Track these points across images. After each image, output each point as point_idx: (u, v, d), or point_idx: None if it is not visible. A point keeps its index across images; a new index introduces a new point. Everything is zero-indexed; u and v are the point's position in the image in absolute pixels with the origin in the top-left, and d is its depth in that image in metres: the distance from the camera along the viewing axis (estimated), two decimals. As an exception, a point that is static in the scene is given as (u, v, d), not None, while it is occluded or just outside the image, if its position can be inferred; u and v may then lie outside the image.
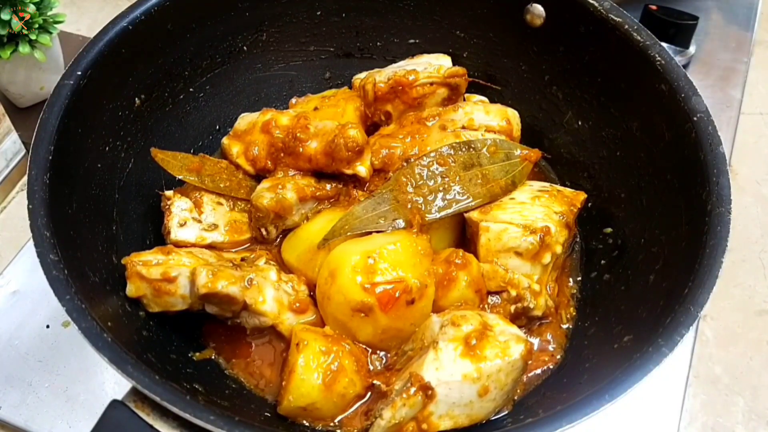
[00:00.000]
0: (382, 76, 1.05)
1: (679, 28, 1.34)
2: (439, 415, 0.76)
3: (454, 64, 1.11)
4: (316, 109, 1.09)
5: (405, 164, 0.97)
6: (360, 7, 1.15)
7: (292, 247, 0.97)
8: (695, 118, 0.86)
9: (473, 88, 1.14)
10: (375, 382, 0.85)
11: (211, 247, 0.97)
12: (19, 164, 1.68)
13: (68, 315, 0.72)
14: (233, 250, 1.00)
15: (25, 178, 0.81)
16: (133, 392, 0.73)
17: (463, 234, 0.98)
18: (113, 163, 0.95)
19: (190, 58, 1.05)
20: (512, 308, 0.90)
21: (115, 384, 0.99)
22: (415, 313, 0.86)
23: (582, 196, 0.98)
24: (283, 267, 0.97)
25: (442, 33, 1.15)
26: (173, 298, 0.87)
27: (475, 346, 0.78)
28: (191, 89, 1.07)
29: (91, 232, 0.88)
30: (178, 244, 0.95)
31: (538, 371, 0.90)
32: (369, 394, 0.85)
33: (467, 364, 0.76)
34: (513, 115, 1.06)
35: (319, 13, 1.14)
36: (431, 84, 1.06)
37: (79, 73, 0.88)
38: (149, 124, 1.01)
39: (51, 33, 1.37)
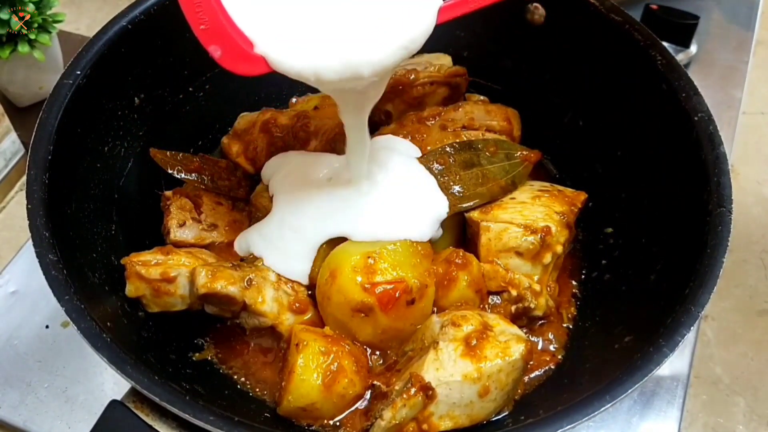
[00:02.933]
0: (382, 76, 1.05)
1: (679, 28, 1.34)
2: (439, 415, 0.76)
3: (454, 64, 1.11)
4: (316, 108, 1.09)
5: (405, 164, 0.97)
6: (360, 7, 1.14)
7: (291, 247, 0.97)
8: (696, 118, 0.86)
9: (474, 88, 1.14)
10: (375, 382, 0.85)
11: (210, 247, 0.97)
12: (18, 164, 1.68)
13: (67, 315, 0.72)
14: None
15: (24, 177, 0.81)
16: (133, 393, 0.73)
17: (464, 234, 0.98)
18: (113, 163, 0.95)
19: (189, 57, 1.04)
20: (513, 308, 0.90)
21: (114, 384, 0.99)
22: (416, 313, 0.85)
23: (583, 195, 0.98)
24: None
25: (442, 32, 1.14)
26: (172, 299, 0.87)
27: (475, 347, 0.77)
28: (191, 89, 1.07)
29: (90, 232, 0.88)
30: (178, 244, 0.95)
31: (539, 371, 0.90)
32: (369, 394, 0.85)
33: (467, 364, 0.76)
34: (513, 114, 1.06)
35: (319, 12, 1.14)
36: (432, 83, 1.06)
37: (79, 72, 0.88)
38: (149, 123, 1.01)
39: (50, 32, 1.37)
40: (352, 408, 0.84)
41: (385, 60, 0.73)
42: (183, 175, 1.00)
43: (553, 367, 0.91)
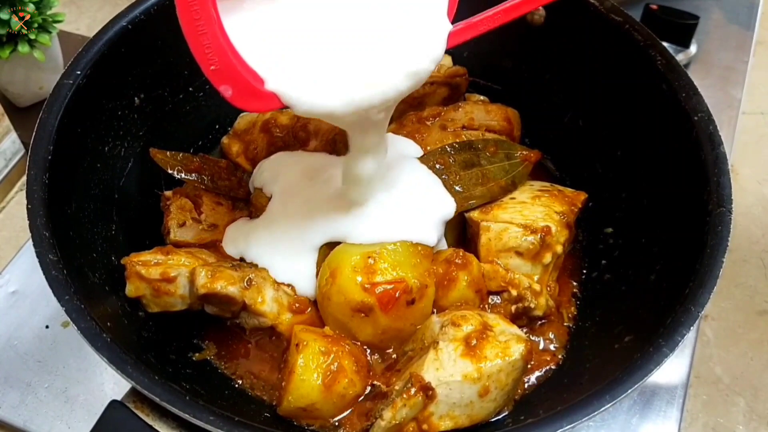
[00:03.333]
0: (382, 76, 1.05)
1: (679, 28, 1.34)
2: (439, 415, 0.76)
3: (454, 64, 1.11)
4: (316, 108, 1.09)
5: (405, 164, 0.97)
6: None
7: (291, 247, 0.97)
8: (696, 118, 0.86)
9: (474, 88, 1.14)
10: (375, 382, 0.85)
11: (210, 246, 0.97)
12: (19, 164, 1.68)
13: (67, 315, 0.72)
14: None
15: (24, 177, 0.81)
16: (133, 393, 0.73)
17: (464, 234, 0.98)
18: (113, 163, 0.95)
19: (189, 57, 1.03)
20: (513, 308, 0.90)
21: (114, 384, 0.99)
22: (416, 313, 0.85)
23: (583, 195, 0.98)
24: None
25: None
26: (172, 299, 0.87)
27: (475, 347, 0.77)
28: (191, 88, 1.07)
29: (90, 232, 0.88)
30: (178, 244, 0.95)
31: (539, 371, 0.90)
32: (369, 393, 0.85)
33: (467, 364, 0.76)
34: (513, 114, 1.06)
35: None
36: (432, 83, 1.06)
37: (79, 72, 0.88)
38: (149, 123, 1.01)
39: (50, 32, 1.37)
40: (352, 408, 0.84)
41: (398, 90, 0.73)
42: (183, 175, 1.00)
43: (553, 367, 0.91)
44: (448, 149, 0.96)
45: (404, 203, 0.90)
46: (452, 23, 0.77)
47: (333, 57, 0.71)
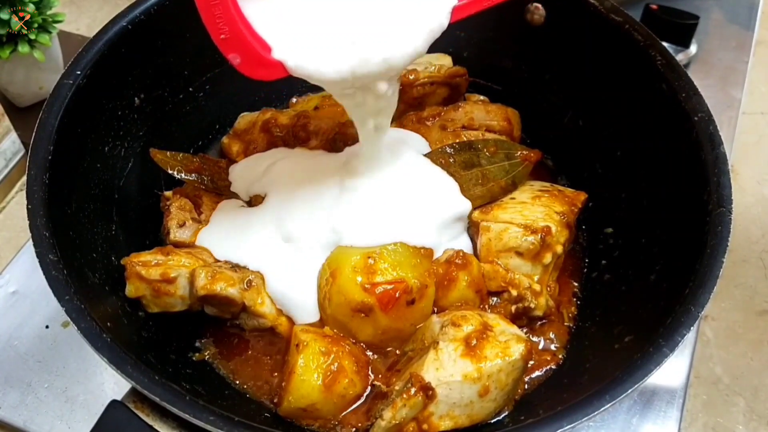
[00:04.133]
0: (382, 76, 1.05)
1: (679, 28, 1.34)
2: (439, 415, 0.76)
3: (454, 64, 1.11)
4: (316, 108, 1.09)
5: (405, 164, 0.97)
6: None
7: (291, 247, 0.97)
8: (696, 118, 0.86)
9: (474, 88, 1.14)
10: (375, 382, 0.85)
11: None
12: (19, 164, 1.68)
13: (67, 315, 0.72)
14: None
15: (25, 177, 0.81)
16: (133, 393, 0.73)
17: (464, 234, 0.98)
18: (113, 163, 0.95)
19: (189, 57, 1.04)
20: (513, 308, 0.90)
21: (114, 384, 0.99)
22: (416, 313, 0.85)
23: (583, 196, 0.98)
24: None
25: (443, 32, 1.15)
26: (172, 299, 0.87)
27: (475, 347, 0.77)
28: (191, 89, 1.07)
29: (90, 232, 0.88)
30: (178, 245, 0.95)
31: (540, 371, 0.90)
32: (369, 393, 0.85)
33: (467, 364, 0.76)
34: (513, 114, 1.06)
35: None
36: (432, 84, 1.06)
37: (79, 72, 0.88)
38: (149, 123, 1.01)
39: (50, 32, 1.38)
40: (352, 408, 0.84)
41: (397, 58, 0.75)
42: (183, 176, 1.00)
43: (553, 367, 0.90)
44: (448, 149, 0.96)
45: (412, 203, 0.90)
46: None
47: (338, 28, 0.73)
